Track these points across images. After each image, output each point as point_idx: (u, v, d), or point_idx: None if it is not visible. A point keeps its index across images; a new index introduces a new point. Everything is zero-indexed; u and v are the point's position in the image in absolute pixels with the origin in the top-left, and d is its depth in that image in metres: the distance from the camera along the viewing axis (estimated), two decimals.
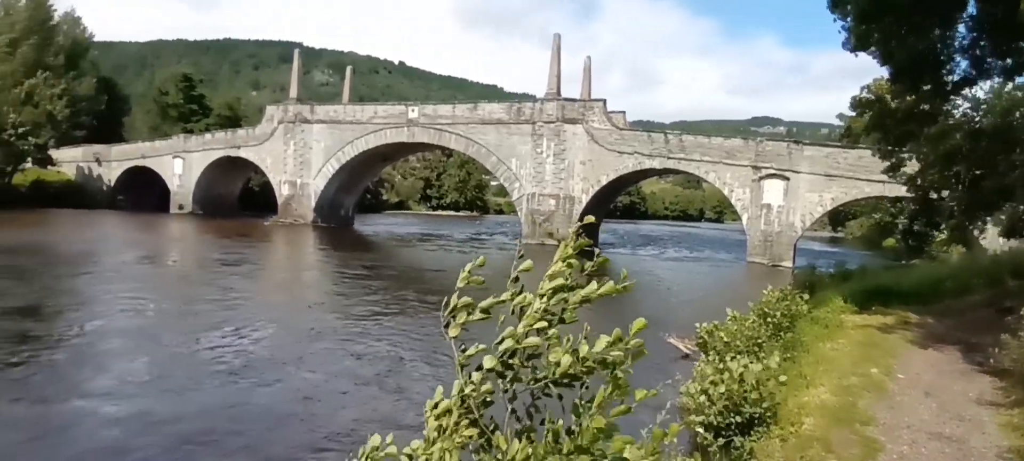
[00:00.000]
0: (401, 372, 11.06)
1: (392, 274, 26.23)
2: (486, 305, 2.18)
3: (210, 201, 56.66)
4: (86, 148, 59.46)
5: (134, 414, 8.42)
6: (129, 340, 12.26)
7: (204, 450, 7.48)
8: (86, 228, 38.54)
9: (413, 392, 9.71)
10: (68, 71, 59.26)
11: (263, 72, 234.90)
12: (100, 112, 66.47)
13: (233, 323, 14.40)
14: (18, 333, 12.40)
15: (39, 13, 55.54)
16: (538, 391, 2.06)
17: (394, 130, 48.39)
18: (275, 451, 7.60)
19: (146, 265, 24.92)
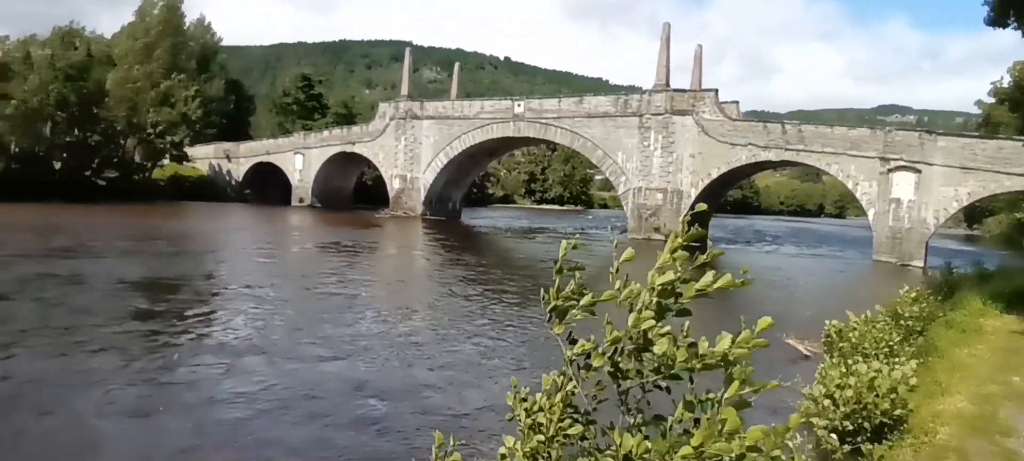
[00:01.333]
0: (507, 358, 11.13)
1: (499, 264, 26.55)
2: (586, 303, 2.14)
3: (327, 194, 59.56)
4: (217, 146, 63.99)
5: (253, 385, 8.93)
6: (257, 320, 13.02)
7: (319, 422, 7.81)
8: (218, 219, 41.51)
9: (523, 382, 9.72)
10: (200, 74, 64.03)
11: (375, 71, 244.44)
12: (229, 112, 71.47)
13: (349, 303, 15.02)
14: (164, 307, 13.50)
15: (172, 19, 60.13)
16: (648, 385, 2.03)
17: (500, 125, 48.92)
18: (388, 427, 7.82)
19: (272, 252, 26.49)
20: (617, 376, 2.04)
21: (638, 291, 2.02)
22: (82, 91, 49.39)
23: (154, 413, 8.01)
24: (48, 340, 10.88)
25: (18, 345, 10.51)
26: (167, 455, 6.96)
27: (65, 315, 12.76)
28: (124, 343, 10.99)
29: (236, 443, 7.31)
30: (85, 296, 14.82)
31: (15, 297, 14.34)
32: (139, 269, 18.85)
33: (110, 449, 7.01)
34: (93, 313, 13.00)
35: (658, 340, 1.97)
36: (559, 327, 2.13)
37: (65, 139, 50.55)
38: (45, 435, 7.25)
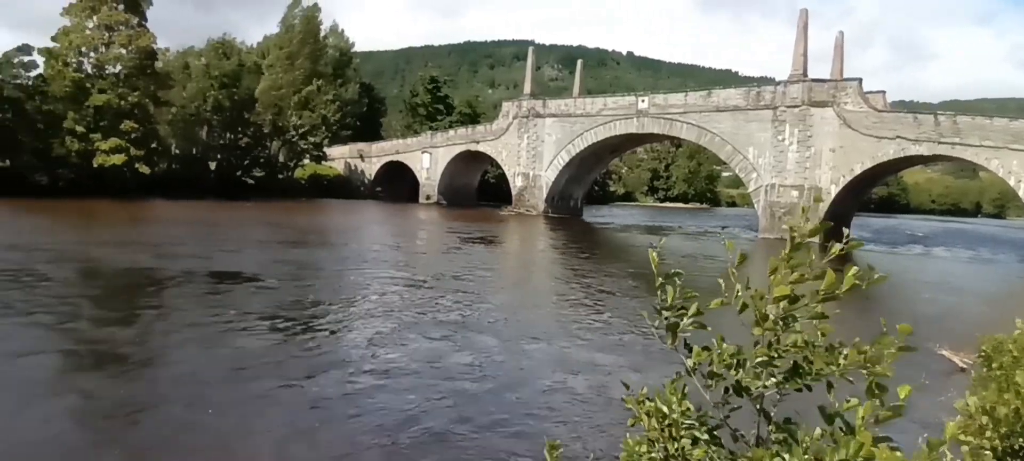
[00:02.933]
0: (627, 357, 10.77)
1: (621, 261, 26.07)
2: (690, 320, 2.05)
3: (452, 192, 61.19)
4: (351, 146, 67.43)
5: (381, 368, 9.15)
6: (389, 309, 13.44)
7: (443, 416, 7.86)
8: (353, 214, 43.76)
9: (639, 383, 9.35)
10: (336, 79, 67.81)
11: (499, 71, 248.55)
12: (362, 114, 75.21)
13: (473, 295, 15.19)
14: (310, 296, 14.29)
15: (312, 29, 63.91)
16: (781, 392, 1.94)
17: (623, 121, 48.12)
18: (503, 425, 7.74)
19: (404, 246, 27.47)
20: (741, 389, 1.96)
21: (759, 295, 1.91)
22: (234, 97, 53.63)
23: (296, 388, 8.39)
24: (207, 326, 11.74)
25: (178, 330, 11.42)
26: (306, 426, 7.24)
27: (222, 304, 13.75)
28: (272, 327, 11.65)
29: (360, 424, 7.49)
30: (238, 284, 15.93)
31: (182, 284, 15.67)
32: (287, 259, 20.09)
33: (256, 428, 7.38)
34: (245, 301, 13.92)
35: (790, 345, 1.89)
36: (672, 340, 2.06)
37: (219, 142, 55.12)
38: (194, 420, 7.75)
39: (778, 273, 1.87)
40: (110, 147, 45.04)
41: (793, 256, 1.86)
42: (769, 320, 1.90)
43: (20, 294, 13.64)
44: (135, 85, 47.06)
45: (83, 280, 16.14)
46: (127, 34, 46.90)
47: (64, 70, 45.56)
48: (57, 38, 46.65)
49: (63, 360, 9.65)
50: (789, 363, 1.90)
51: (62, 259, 18.49)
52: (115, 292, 15.20)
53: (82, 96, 45.40)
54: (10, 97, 44.68)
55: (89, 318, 12.18)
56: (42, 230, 25.63)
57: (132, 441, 6.87)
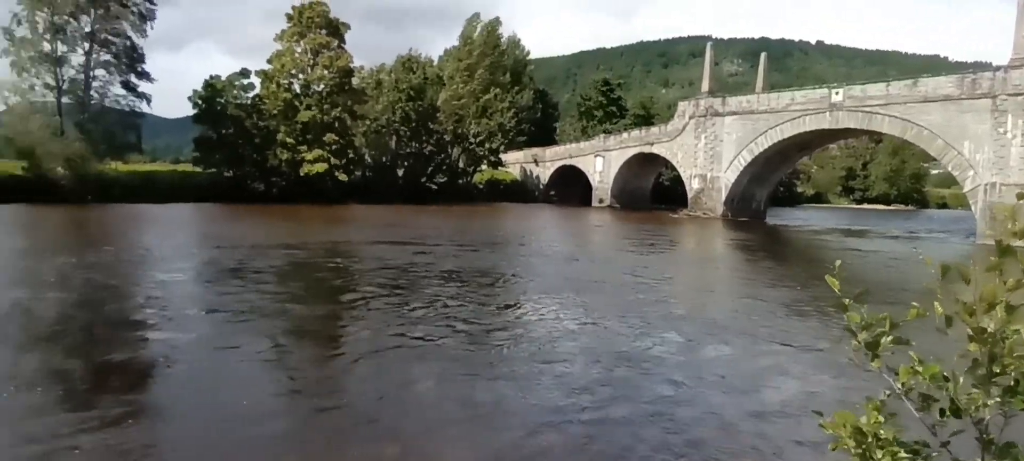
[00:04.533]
0: (821, 377, 9.80)
1: (812, 269, 24.09)
2: (890, 338, 1.95)
3: (625, 195, 60.51)
4: (526, 151, 69.09)
5: (556, 375, 9.10)
6: (564, 313, 13.45)
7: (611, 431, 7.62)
8: (528, 217, 44.73)
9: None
10: (512, 86, 69.80)
11: (672, 69, 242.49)
12: (536, 119, 76.78)
13: (648, 302, 14.74)
14: (488, 291, 14.75)
15: (491, 40, 66.42)
16: (999, 415, 1.81)
17: (813, 117, 44.67)
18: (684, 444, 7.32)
19: (578, 247, 27.55)
20: (958, 410, 1.84)
21: (971, 308, 1.78)
22: (419, 109, 57.10)
23: (474, 377, 8.59)
24: (400, 314, 12.47)
25: (367, 321, 12.20)
26: (483, 412, 7.36)
27: (413, 296, 14.54)
28: (460, 320, 12.10)
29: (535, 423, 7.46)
30: (425, 279, 16.79)
31: (371, 277, 16.85)
32: (470, 256, 20.93)
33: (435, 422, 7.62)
34: (431, 295, 14.62)
35: (1014, 359, 1.76)
36: (875, 360, 1.97)
37: (406, 150, 58.94)
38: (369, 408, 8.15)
39: (992, 281, 1.76)
40: (314, 157, 49.89)
41: (1005, 262, 1.75)
42: (986, 333, 1.77)
43: (258, 282, 15.38)
44: (335, 101, 51.78)
45: (312, 271, 17.89)
46: (329, 56, 51.67)
47: (277, 90, 51.18)
48: (271, 61, 52.52)
49: (290, 341, 10.67)
50: (1010, 380, 1.78)
51: (305, 252, 20.68)
52: (323, 282, 16.65)
53: (292, 112, 50.75)
54: (232, 115, 51.04)
55: (308, 305, 13.41)
56: (283, 228, 28.87)
57: (331, 423, 7.36)
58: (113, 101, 49.66)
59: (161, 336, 10.97)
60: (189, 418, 7.64)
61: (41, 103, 47.24)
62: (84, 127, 46.47)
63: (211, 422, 7.44)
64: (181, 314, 12.75)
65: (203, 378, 8.97)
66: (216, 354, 10.09)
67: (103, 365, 9.27)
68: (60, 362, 9.39)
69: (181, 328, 11.59)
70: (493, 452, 6.87)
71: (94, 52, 48.17)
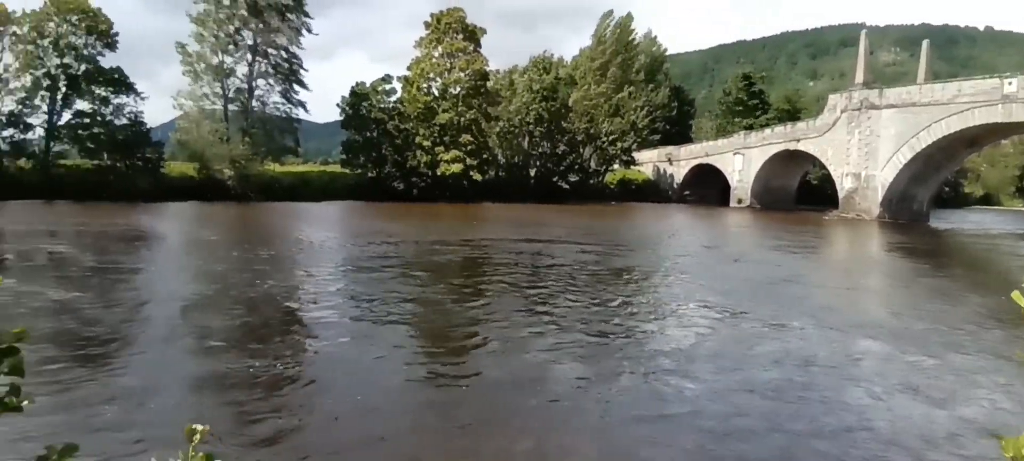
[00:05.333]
0: (999, 408, 8.59)
1: (991, 281, 21.53)
2: None
3: (767, 195, 57.44)
4: (660, 150, 67.43)
5: (694, 388, 8.60)
6: (700, 319, 12.82)
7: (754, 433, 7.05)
8: (661, 218, 43.57)
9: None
10: (647, 84, 68.36)
11: (820, 61, 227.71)
12: (671, 117, 74.72)
13: (816, 308, 13.71)
14: (621, 291, 14.42)
15: (624, 37, 65.41)
16: None
17: (983, 109, 40.17)
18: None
19: (714, 251, 26.41)
20: None
21: None
22: (551, 109, 57.32)
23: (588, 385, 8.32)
24: (533, 313, 12.43)
25: (494, 318, 12.24)
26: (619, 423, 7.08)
27: (547, 291, 14.49)
28: (587, 320, 11.87)
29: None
30: (565, 277, 16.71)
31: (511, 273, 16.98)
32: (601, 256, 20.63)
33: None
34: (571, 291, 14.48)
35: None
36: None
37: (538, 150, 59.38)
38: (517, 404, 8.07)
39: None
40: (451, 158, 51.47)
41: None
42: None
43: (405, 273, 16.02)
44: (471, 104, 53.13)
45: (452, 265, 18.43)
46: (465, 60, 53.11)
47: (416, 94, 53.28)
48: (411, 67, 54.76)
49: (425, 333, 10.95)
50: None
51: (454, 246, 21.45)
52: (465, 276, 17.02)
53: (430, 115, 52.67)
54: (376, 119, 53.71)
55: (447, 297, 13.75)
56: (421, 225, 30.10)
57: (466, 415, 7.37)
58: (273, 108, 53.82)
59: (313, 315, 12.00)
60: (335, 390, 8.05)
61: (210, 110, 52.11)
62: (247, 132, 50.71)
63: (352, 403, 7.71)
64: (329, 296, 13.68)
65: (348, 361, 9.40)
66: (360, 344, 10.49)
67: (263, 336, 9.93)
68: (236, 331, 10.17)
69: (330, 308, 12.52)
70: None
71: (256, 63, 52.44)
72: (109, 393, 7.67)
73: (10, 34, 46.06)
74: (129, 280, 15.96)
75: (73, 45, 46.98)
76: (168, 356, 9.61)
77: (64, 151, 48.57)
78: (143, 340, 10.46)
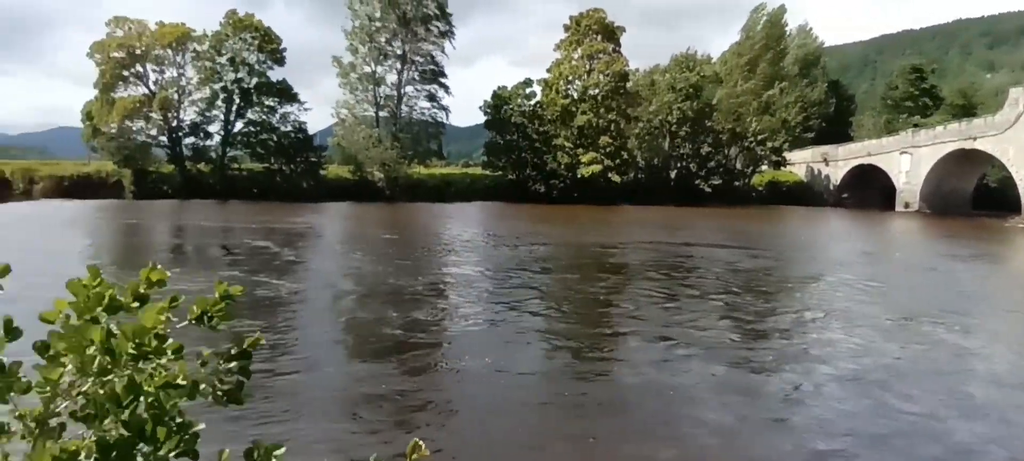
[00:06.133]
0: None
1: None
2: None
3: (938, 198, 52.12)
4: (814, 149, 63.11)
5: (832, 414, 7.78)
6: (849, 345, 11.71)
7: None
8: (811, 223, 40.70)
9: None
10: (801, 79, 64.32)
11: (999, 51, 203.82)
12: (828, 114, 69.76)
13: (967, 349, 12.13)
14: (762, 303, 13.51)
15: (775, 31, 61.76)
16: None
17: None
18: None
19: (874, 266, 24.19)
20: None
21: None
22: (694, 108, 55.46)
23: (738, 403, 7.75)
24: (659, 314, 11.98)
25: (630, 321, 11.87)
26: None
27: (691, 298, 13.93)
28: (729, 329, 11.23)
29: None
30: (711, 283, 16.03)
31: (654, 277, 16.54)
32: (739, 264, 19.56)
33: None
34: (716, 297, 13.83)
35: None
36: None
37: (679, 151, 57.68)
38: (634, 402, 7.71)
39: None
40: (589, 160, 51.25)
41: None
42: None
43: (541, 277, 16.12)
44: (610, 105, 52.62)
45: (590, 266, 18.34)
46: (605, 61, 52.70)
47: (556, 97, 53.55)
48: (550, 70, 55.12)
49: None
50: None
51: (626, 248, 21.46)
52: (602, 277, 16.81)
53: (569, 117, 52.77)
54: (516, 122, 54.60)
55: (587, 298, 13.61)
56: (561, 226, 30.30)
57: (609, 422, 7.16)
58: (419, 113, 56.31)
59: (456, 303, 12.79)
60: (476, 381, 8.19)
61: (363, 117, 55.35)
62: (396, 137, 53.35)
63: (493, 395, 7.77)
64: (471, 286, 14.04)
65: (492, 352, 9.57)
66: (506, 341, 10.57)
67: (412, 323, 10.29)
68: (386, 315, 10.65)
69: (472, 300, 13.16)
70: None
71: (405, 71, 55.04)
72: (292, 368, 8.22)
73: (192, 51, 51.42)
74: (323, 272, 17.77)
75: (247, 61, 51.64)
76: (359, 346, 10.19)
77: (237, 156, 53.53)
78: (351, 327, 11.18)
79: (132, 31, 49.69)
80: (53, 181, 48.45)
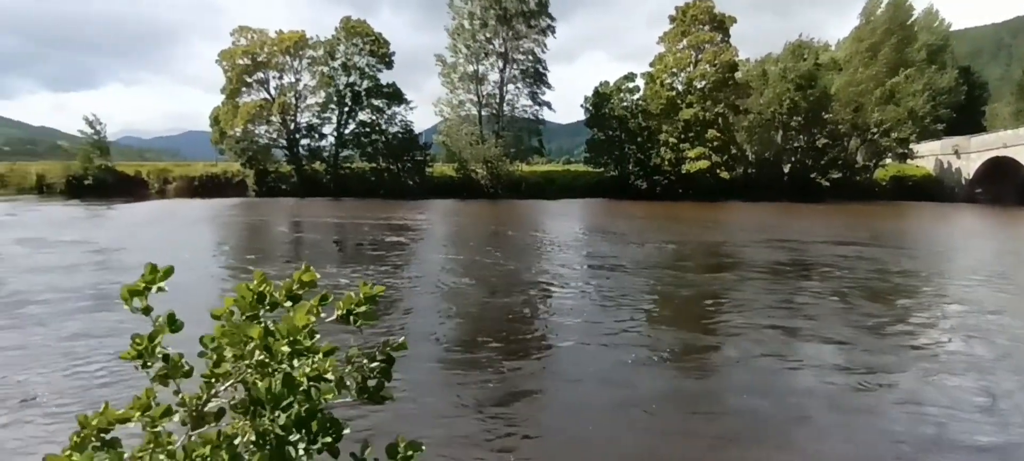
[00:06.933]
0: None
1: None
2: None
3: None
4: (944, 141, 58.51)
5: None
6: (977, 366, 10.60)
7: None
8: (943, 221, 37.68)
9: None
10: (928, 66, 59.76)
11: None
12: (958, 103, 64.54)
13: None
14: (882, 311, 12.54)
15: (899, 15, 57.71)
16: None
17: None
18: None
19: (1018, 263, 22.04)
20: None
21: None
22: (809, 98, 52.69)
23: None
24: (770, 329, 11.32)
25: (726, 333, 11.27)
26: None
27: (785, 302, 13.15)
28: (848, 338, 10.46)
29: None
30: (812, 287, 15.10)
31: (767, 283, 15.78)
32: (876, 265, 18.28)
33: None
34: (814, 305, 13.00)
35: None
36: None
37: (793, 144, 55.00)
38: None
39: None
40: (695, 155, 49.82)
41: None
42: None
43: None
44: (717, 97, 50.90)
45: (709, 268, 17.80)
46: (712, 51, 51.00)
47: (660, 90, 52.37)
48: (654, 63, 53.95)
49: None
50: None
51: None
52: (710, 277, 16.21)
53: (673, 111, 51.46)
54: (618, 117, 53.85)
55: (689, 301, 13.16)
56: (664, 225, 29.67)
57: (716, 424, 6.81)
58: (521, 111, 56.63)
59: (559, 296, 12.59)
60: (579, 382, 8.04)
61: (466, 115, 56.29)
62: (498, 134, 53.92)
63: (597, 394, 7.58)
64: (575, 283, 13.87)
65: (596, 352, 9.39)
66: (609, 349, 10.35)
67: (525, 317, 10.29)
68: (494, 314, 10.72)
69: (574, 295, 12.89)
70: None
71: (507, 69, 55.49)
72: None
73: (308, 57, 54.00)
74: (439, 265, 18.16)
75: (358, 65, 53.71)
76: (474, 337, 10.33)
77: (349, 155, 55.78)
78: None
79: (255, 39, 52.76)
80: (185, 181, 52.27)
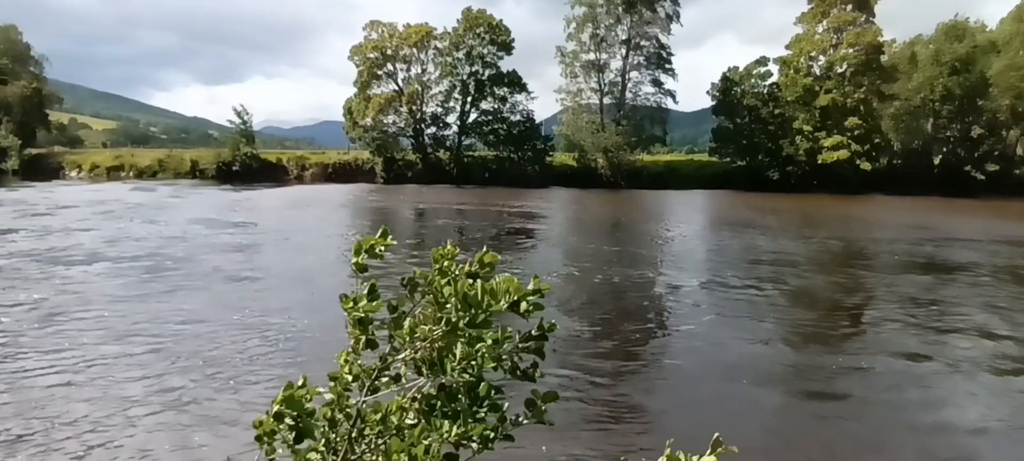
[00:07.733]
0: None
1: None
2: None
3: None
4: None
5: None
6: None
7: None
8: None
9: None
10: None
11: None
12: None
13: None
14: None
15: None
16: None
17: None
18: None
19: None
20: None
21: None
22: (964, 83, 48.13)
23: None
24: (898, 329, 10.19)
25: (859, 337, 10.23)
26: None
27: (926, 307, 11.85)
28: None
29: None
30: (948, 291, 13.57)
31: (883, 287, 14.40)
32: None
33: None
34: (950, 315, 11.62)
35: None
36: None
37: (945, 133, 50.49)
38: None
39: None
40: (833, 144, 46.76)
41: None
42: None
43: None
44: (859, 82, 47.47)
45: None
46: (855, 32, 47.57)
47: (795, 76, 49.50)
48: (790, 46, 51.02)
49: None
50: None
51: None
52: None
53: (810, 98, 48.48)
54: (748, 104, 51.42)
55: (813, 309, 12.23)
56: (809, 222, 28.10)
57: (827, 433, 6.17)
58: (643, 99, 55.35)
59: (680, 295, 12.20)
60: (695, 380, 7.85)
61: (587, 104, 55.70)
62: (619, 123, 53.03)
63: (712, 395, 7.28)
64: (693, 281, 13.40)
65: (712, 355, 9.02)
66: (724, 344, 9.81)
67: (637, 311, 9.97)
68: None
69: (690, 295, 12.37)
70: None
71: (629, 56, 54.41)
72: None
73: (433, 48, 55.35)
74: (563, 253, 18.04)
75: (481, 54, 54.46)
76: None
77: (471, 144, 56.80)
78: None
79: (384, 33, 54.73)
80: (320, 168, 55.20)
